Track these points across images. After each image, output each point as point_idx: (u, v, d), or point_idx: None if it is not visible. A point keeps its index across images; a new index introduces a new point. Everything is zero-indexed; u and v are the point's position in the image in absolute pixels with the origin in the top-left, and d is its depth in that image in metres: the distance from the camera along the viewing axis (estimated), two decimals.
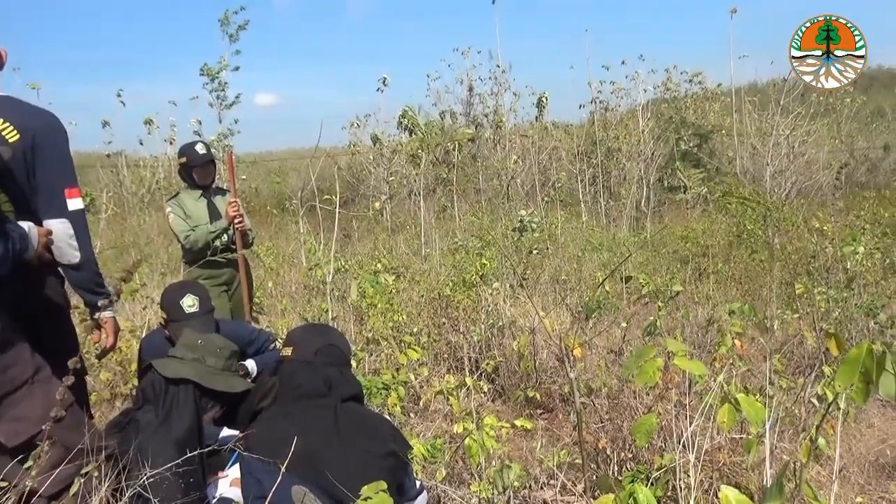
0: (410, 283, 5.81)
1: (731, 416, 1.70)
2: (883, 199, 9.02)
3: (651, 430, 1.84)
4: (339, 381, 2.27)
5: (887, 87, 24.36)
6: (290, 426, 2.12)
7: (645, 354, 1.69)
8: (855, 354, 0.99)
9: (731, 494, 1.25)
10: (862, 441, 3.30)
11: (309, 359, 2.29)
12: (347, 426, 2.16)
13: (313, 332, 2.52)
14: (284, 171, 16.03)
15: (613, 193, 12.68)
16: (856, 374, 0.98)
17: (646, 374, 1.67)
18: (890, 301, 5.18)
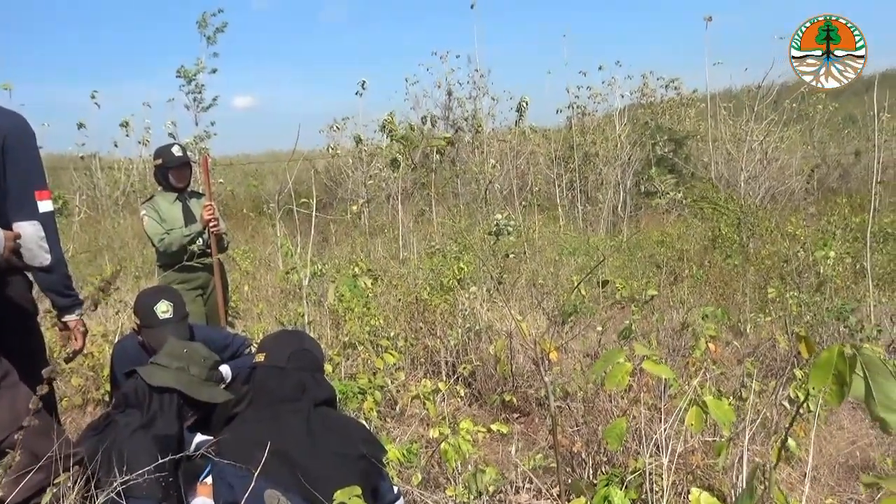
0: (388, 287, 5.79)
1: (699, 418, 1.72)
2: (854, 204, 9.17)
3: (622, 434, 1.84)
4: (311, 386, 2.27)
5: (858, 95, 24.77)
6: (263, 430, 2.11)
7: (613, 358, 1.70)
8: (826, 357, 1.00)
9: (701, 496, 1.26)
10: (832, 443, 3.34)
11: (281, 364, 2.28)
12: (320, 430, 2.15)
13: (286, 337, 2.51)
14: (262, 175, 15.93)
15: (590, 198, 12.77)
16: (828, 376, 1.00)
17: (615, 378, 1.68)
18: (860, 305, 5.27)
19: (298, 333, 2.62)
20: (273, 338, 2.48)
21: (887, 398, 0.98)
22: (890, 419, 0.98)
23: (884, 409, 0.98)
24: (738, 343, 4.82)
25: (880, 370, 0.98)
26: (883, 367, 0.99)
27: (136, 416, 2.27)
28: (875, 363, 0.99)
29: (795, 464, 2.89)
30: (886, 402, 0.98)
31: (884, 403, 0.98)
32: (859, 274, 6.22)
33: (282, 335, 2.59)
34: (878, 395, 0.99)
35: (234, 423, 2.32)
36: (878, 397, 0.99)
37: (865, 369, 0.98)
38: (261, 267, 7.79)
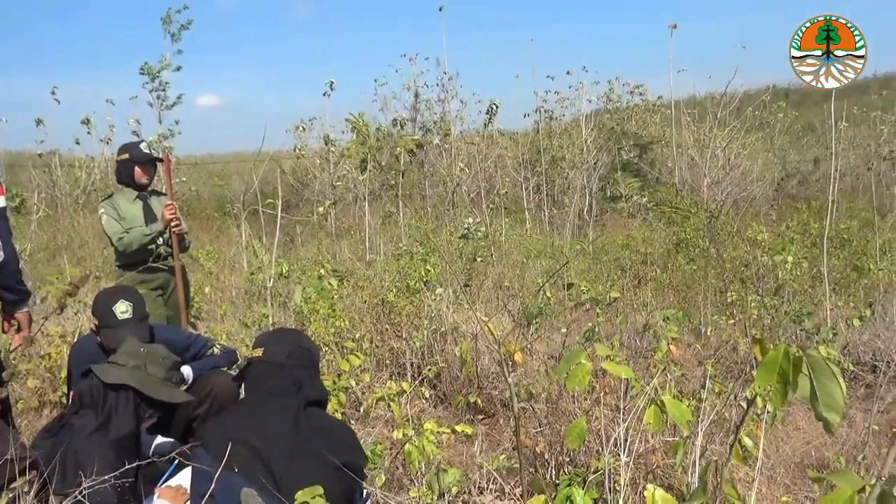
0: (354, 289, 5.77)
1: (657, 418, 1.75)
2: (813, 210, 9.39)
3: (583, 434, 1.87)
4: (307, 384, 2.28)
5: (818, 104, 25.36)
6: (249, 426, 2.11)
7: (574, 359, 1.72)
8: (772, 357, 1.03)
9: (655, 493, 1.28)
10: (788, 443, 3.42)
11: (281, 361, 2.30)
12: (307, 431, 2.16)
13: (285, 335, 2.53)
14: (227, 174, 15.75)
15: (557, 201, 12.87)
16: (773, 376, 1.03)
17: (575, 378, 1.70)
18: (817, 308, 5.40)
19: (296, 332, 2.64)
20: (271, 335, 2.50)
21: (830, 398, 1.01)
22: (832, 419, 1.01)
23: (826, 409, 1.02)
24: (698, 345, 4.90)
25: (825, 371, 1.01)
26: (827, 369, 1.02)
27: (91, 417, 2.23)
28: (820, 364, 1.02)
29: (752, 463, 2.95)
30: (829, 402, 1.01)
31: (827, 403, 1.01)
32: (816, 278, 6.37)
33: (280, 332, 2.62)
34: (822, 395, 1.02)
35: (223, 415, 2.33)
36: (821, 398, 1.02)
37: (811, 370, 1.01)
38: (225, 268, 7.70)
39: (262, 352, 2.35)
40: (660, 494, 1.29)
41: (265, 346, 2.36)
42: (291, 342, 2.39)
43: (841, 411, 1.01)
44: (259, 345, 2.40)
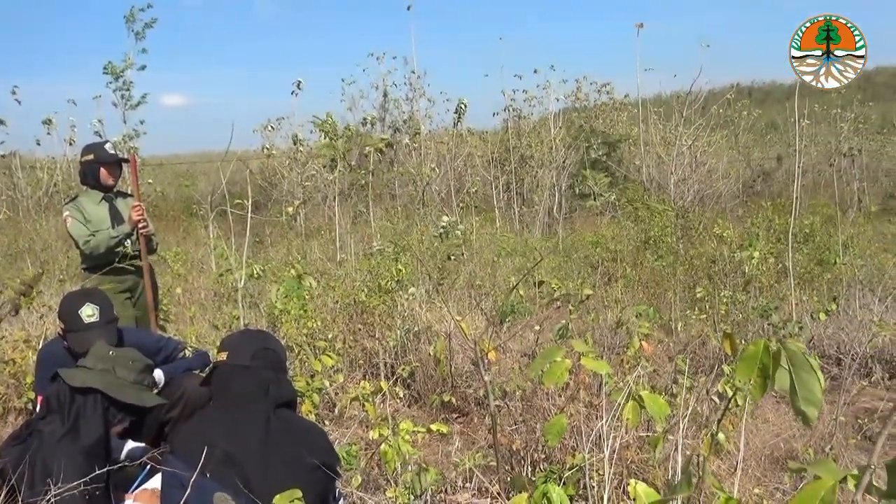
0: (325, 289, 5.73)
1: (635, 413, 1.77)
2: (777, 207, 9.57)
3: (562, 430, 1.88)
4: (274, 386, 2.25)
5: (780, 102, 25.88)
6: (220, 430, 2.08)
7: (552, 355, 1.73)
8: (752, 351, 1.05)
9: (639, 487, 1.30)
10: (758, 435, 3.48)
11: (245, 363, 2.26)
12: (278, 433, 2.13)
13: (250, 336, 2.49)
14: (193, 175, 15.54)
15: (526, 200, 12.93)
16: (753, 369, 1.04)
17: (553, 375, 1.71)
18: (782, 303, 5.51)
19: (262, 332, 2.60)
20: (237, 336, 2.45)
21: (809, 392, 1.03)
22: (810, 412, 1.03)
23: (805, 403, 1.03)
24: (669, 341, 4.96)
25: (803, 365, 1.03)
26: (806, 363, 1.04)
27: (58, 422, 2.19)
28: (798, 358, 1.04)
29: (724, 456, 3.00)
30: (808, 395, 1.03)
31: (805, 397, 1.03)
32: (782, 273, 6.49)
33: (245, 334, 2.57)
34: (801, 389, 1.04)
35: (192, 420, 2.29)
36: (800, 391, 1.04)
37: (790, 364, 1.03)
38: (193, 269, 7.60)
39: (226, 355, 2.31)
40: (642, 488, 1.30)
41: (229, 349, 2.32)
42: (256, 343, 2.35)
43: (820, 405, 1.03)
44: (224, 348, 2.36)
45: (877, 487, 0.89)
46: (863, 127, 16.18)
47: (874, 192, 14.64)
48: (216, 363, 2.33)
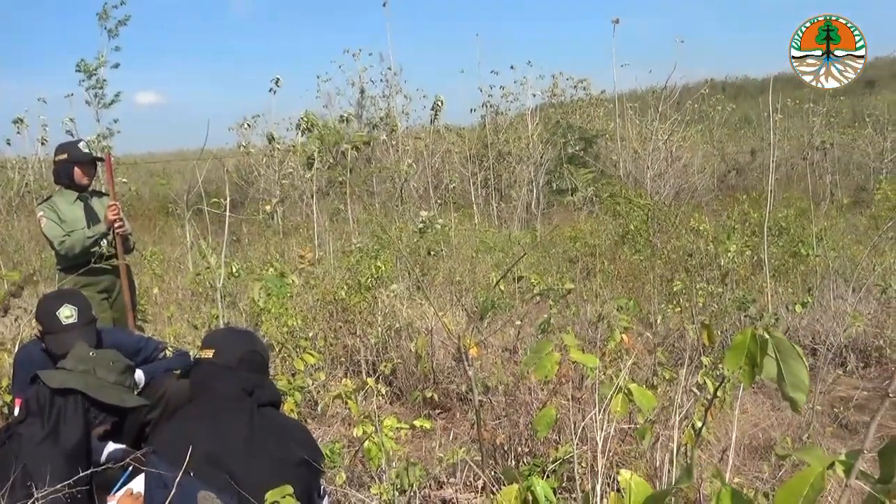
0: (305, 287, 5.71)
1: (623, 405, 1.79)
2: (752, 200, 9.69)
3: (551, 422, 1.90)
4: (259, 388, 2.24)
5: (753, 97, 26.21)
6: (203, 429, 2.07)
7: (543, 349, 1.74)
8: (740, 340, 1.07)
9: (631, 479, 1.31)
10: (737, 426, 3.52)
11: (232, 365, 2.24)
12: (262, 432, 2.13)
13: (237, 337, 2.45)
14: (169, 174, 15.37)
15: (504, 196, 12.95)
16: (742, 358, 1.06)
17: (544, 369, 1.72)
18: (759, 295, 5.58)
19: (249, 333, 2.56)
20: (223, 335, 2.43)
21: (796, 378, 1.05)
22: (799, 398, 1.05)
23: (793, 389, 1.06)
24: (648, 334, 5.00)
25: (790, 352, 1.05)
26: (792, 350, 1.06)
27: (38, 425, 2.16)
28: (785, 346, 1.06)
29: (704, 446, 3.04)
30: (795, 381, 1.05)
31: (793, 384, 1.05)
32: (757, 266, 6.57)
33: (232, 334, 2.53)
34: (789, 375, 1.06)
35: (174, 419, 2.26)
36: (788, 378, 1.06)
37: (777, 352, 1.05)
38: (170, 269, 7.52)
39: (212, 353, 2.29)
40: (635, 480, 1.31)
41: (216, 348, 2.30)
42: (243, 346, 2.33)
43: (807, 390, 1.05)
44: (209, 345, 2.33)
45: (866, 473, 0.91)
46: (834, 121, 16.42)
47: (846, 185, 14.86)
48: (200, 358, 2.30)
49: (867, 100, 20.77)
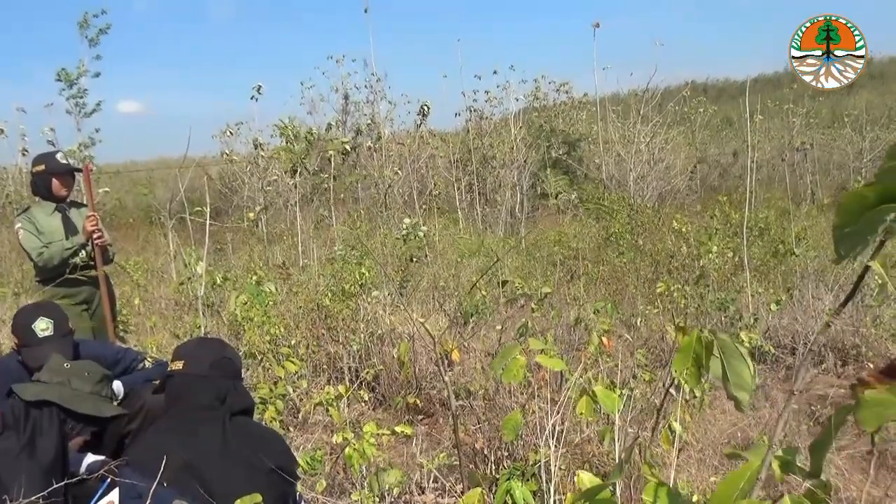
0: (288, 295, 5.71)
1: (588, 406, 1.81)
2: (733, 202, 9.78)
3: (518, 426, 1.92)
4: (232, 395, 2.24)
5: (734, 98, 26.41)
6: (176, 439, 2.07)
7: (510, 353, 1.76)
8: (687, 342, 1.10)
9: (584, 477, 1.34)
10: (716, 426, 3.56)
11: (203, 373, 2.24)
12: (236, 440, 2.13)
13: (206, 345, 2.45)
14: (151, 182, 15.30)
15: (489, 200, 12.99)
16: (688, 359, 1.09)
17: (511, 372, 1.74)
18: (739, 295, 5.63)
19: (219, 341, 2.57)
20: (192, 345, 2.42)
21: (739, 378, 1.08)
22: (742, 397, 1.08)
23: (737, 389, 1.08)
24: (629, 336, 5.04)
25: (734, 353, 1.08)
26: (735, 351, 1.08)
27: (14, 438, 2.15)
28: (729, 347, 1.08)
29: (682, 447, 3.07)
30: (738, 381, 1.08)
31: (737, 383, 1.08)
32: (739, 266, 6.63)
33: (201, 343, 2.53)
34: (732, 375, 1.09)
35: (148, 431, 2.26)
36: (731, 378, 1.09)
37: (722, 353, 1.08)
38: (153, 279, 7.49)
39: (182, 364, 2.28)
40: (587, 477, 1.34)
41: (186, 358, 2.29)
42: (213, 353, 2.33)
43: (750, 390, 1.08)
44: (179, 356, 2.32)
45: (800, 468, 0.94)
46: (814, 121, 16.59)
47: (826, 185, 15.02)
48: (172, 372, 2.31)
49: (846, 100, 21.03)
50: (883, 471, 3.20)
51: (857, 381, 0.79)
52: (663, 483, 1.02)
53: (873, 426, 0.78)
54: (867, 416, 0.77)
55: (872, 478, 3.11)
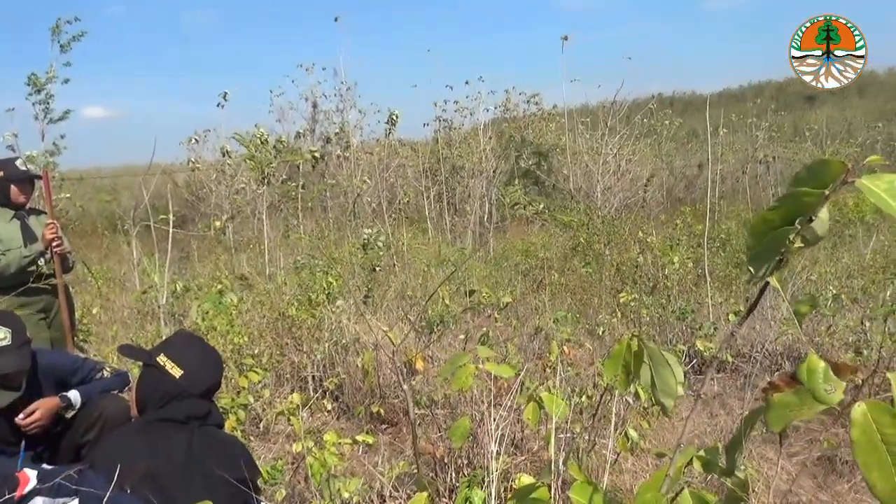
0: (253, 304, 5.68)
1: (535, 413, 1.85)
2: (698, 213, 9.95)
3: (466, 432, 1.94)
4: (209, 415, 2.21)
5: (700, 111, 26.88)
6: (141, 446, 2.04)
7: (459, 361, 1.79)
8: (617, 350, 1.14)
9: (525, 478, 1.37)
10: (674, 433, 3.63)
11: (196, 393, 2.15)
12: (200, 448, 2.11)
13: (211, 366, 2.28)
14: (116, 190, 15.10)
15: (458, 210, 13.05)
16: (618, 366, 1.13)
17: (460, 380, 1.77)
18: (700, 305, 5.74)
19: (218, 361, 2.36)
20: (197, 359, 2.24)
21: (665, 385, 1.13)
22: (667, 402, 1.13)
23: (663, 395, 1.13)
24: (591, 345, 5.10)
25: (661, 361, 1.12)
26: (662, 358, 1.13)
27: None
28: (656, 355, 1.13)
29: (640, 454, 3.12)
30: (665, 388, 1.13)
31: (663, 389, 1.13)
32: (702, 277, 6.76)
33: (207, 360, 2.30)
34: (659, 382, 1.13)
35: (113, 435, 2.21)
36: (659, 385, 1.13)
37: (650, 360, 1.12)
38: (115, 287, 7.39)
39: (181, 374, 2.15)
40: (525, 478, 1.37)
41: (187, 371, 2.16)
42: (214, 376, 2.24)
43: (675, 396, 1.13)
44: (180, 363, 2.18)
45: (718, 466, 0.98)
46: (776, 135, 16.99)
47: None
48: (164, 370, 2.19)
49: (808, 115, 21.55)
50: (833, 475, 3.29)
51: (769, 384, 0.84)
52: (590, 482, 1.05)
53: (779, 426, 0.82)
54: (774, 417, 0.82)
55: (821, 482, 3.20)
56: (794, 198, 0.78)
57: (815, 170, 0.77)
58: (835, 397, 0.79)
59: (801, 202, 0.77)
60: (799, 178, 0.79)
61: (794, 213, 0.78)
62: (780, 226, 0.80)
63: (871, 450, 0.71)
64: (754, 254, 0.82)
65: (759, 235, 0.82)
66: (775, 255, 0.81)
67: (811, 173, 0.77)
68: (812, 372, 0.80)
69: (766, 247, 0.81)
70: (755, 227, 0.82)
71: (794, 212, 0.78)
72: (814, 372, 0.80)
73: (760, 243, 0.81)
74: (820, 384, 0.79)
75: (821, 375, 0.80)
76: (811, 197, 0.76)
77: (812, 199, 0.77)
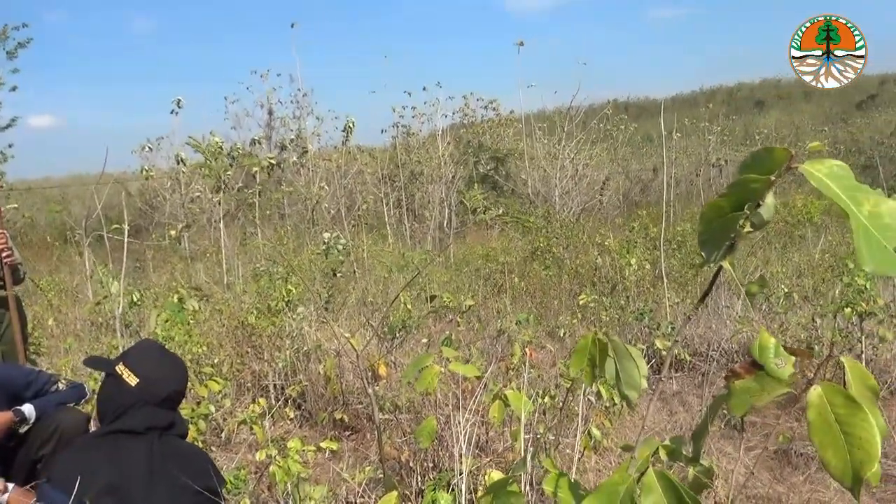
0: (212, 313, 5.59)
1: (500, 411, 1.86)
2: (653, 216, 10.13)
3: (433, 432, 1.95)
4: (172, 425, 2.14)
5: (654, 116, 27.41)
6: (103, 459, 1.99)
7: (422, 362, 1.80)
8: (583, 344, 1.17)
9: (495, 475, 1.39)
10: (635, 431, 3.68)
11: (155, 402, 2.10)
12: (161, 458, 2.06)
13: (171, 372, 2.20)
14: (66, 199, 14.74)
15: (417, 215, 13.06)
16: (584, 360, 1.16)
17: (425, 381, 1.78)
18: (658, 306, 5.85)
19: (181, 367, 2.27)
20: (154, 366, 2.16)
21: (630, 378, 1.16)
22: (632, 395, 1.15)
23: (627, 388, 1.16)
24: (552, 346, 5.16)
25: (625, 355, 1.15)
26: (626, 352, 1.16)
27: None
28: (621, 349, 1.16)
29: (603, 452, 3.17)
30: (629, 381, 1.16)
31: (628, 382, 1.16)
32: (659, 278, 6.88)
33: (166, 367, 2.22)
34: (624, 375, 1.16)
35: (72, 448, 2.13)
36: (623, 377, 1.16)
37: (615, 354, 1.15)
38: (67, 299, 7.21)
39: (137, 382, 2.08)
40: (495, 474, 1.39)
41: (144, 378, 2.09)
42: (174, 384, 2.16)
43: (639, 388, 1.15)
44: (136, 371, 2.10)
45: (684, 454, 1.01)
46: (728, 139, 17.43)
47: None
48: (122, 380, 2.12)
49: (757, 119, 22.15)
50: (788, 468, 3.38)
51: (730, 371, 0.87)
52: (563, 473, 1.07)
53: (741, 411, 0.85)
54: (735, 402, 0.85)
55: (778, 475, 3.29)
56: (741, 185, 0.82)
57: (760, 157, 0.81)
58: (784, 371, 0.83)
59: (748, 189, 0.81)
60: (745, 166, 0.83)
61: (743, 199, 0.82)
62: (729, 212, 0.83)
63: (826, 430, 0.74)
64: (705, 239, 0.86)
65: (709, 222, 0.85)
66: (725, 239, 0.84)
67: (757, 161, 0.81)
68: (764, 348, 0.85)
69: (716, 232, 0.84)
70: (705, 214, 0.86)
71: (743, 198, 0.82)
72: (765, 348, 0.85)
73: (711, 230, 0.85)
74: (771, 359, 0.83)
75: (772, 351, 0.84)
76: (758, 183, 0.80)
77: (759, 185, 0.80)
